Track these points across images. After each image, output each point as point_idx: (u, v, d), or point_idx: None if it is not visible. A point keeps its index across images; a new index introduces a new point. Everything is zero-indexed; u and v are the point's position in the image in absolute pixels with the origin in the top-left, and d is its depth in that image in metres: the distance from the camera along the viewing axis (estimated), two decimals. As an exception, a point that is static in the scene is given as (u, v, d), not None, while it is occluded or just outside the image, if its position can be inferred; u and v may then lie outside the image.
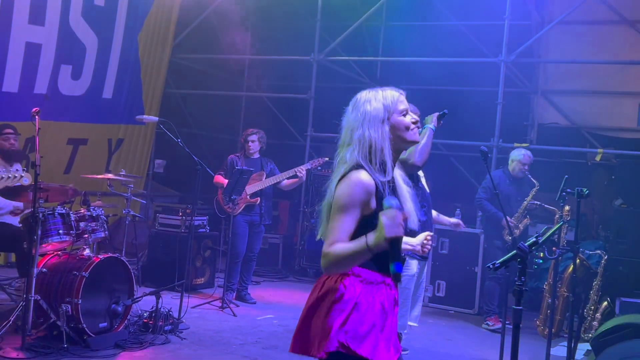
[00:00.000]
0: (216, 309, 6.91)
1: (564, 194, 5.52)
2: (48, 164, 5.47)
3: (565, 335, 6.70)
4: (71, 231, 5.38)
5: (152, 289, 6.19)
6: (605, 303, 6.67)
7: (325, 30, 10.28)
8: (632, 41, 9.26)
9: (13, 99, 7.69)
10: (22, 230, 5.51)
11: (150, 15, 9.67)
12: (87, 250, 5.48)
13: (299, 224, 9.98)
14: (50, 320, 5.03)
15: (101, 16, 8.72)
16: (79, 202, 5.81)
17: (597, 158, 8.75)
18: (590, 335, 6.41)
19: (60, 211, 5.36)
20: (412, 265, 4.92)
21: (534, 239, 2.93)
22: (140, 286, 6.94)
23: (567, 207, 6.37)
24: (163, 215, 8.11)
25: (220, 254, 8.59)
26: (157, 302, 5.62)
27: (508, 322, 5.45)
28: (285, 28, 11.31)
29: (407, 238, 2.62)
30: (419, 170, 4.80)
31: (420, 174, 4.89)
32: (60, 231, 5.31)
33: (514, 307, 2.77)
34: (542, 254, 7.54)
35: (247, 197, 7.29)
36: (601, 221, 8.83)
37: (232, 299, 7.27)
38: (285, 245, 10.05)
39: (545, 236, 3.49)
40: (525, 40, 8.86)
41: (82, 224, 5.45)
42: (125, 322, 5.49)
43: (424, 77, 10.26)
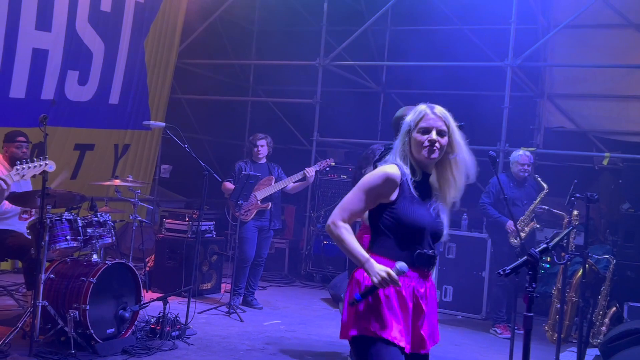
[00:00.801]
0: (223, 315, 6.90)
1: (572, 198, 5.49)
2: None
3: (574, 341, 6.67)
4: (78, 237, 5.38)
5: (159, 295, 6.19)
6: (613, 308, 6.63)
7: (330, 34, 10.30)
8: (638, 45, 9.25)
9: (20, 105, 7.71)
10: (28, 239, 5.52)
11: (156, 21, 9.69)
12: (95, 256, 5.48)
13: (305, 228, 9.97)
14: (57, 326, 5.03)
15: (107, 22, 8.75)
16: (86, 207, 5.81)
17: (604, 162, 8.72)
18: (598, 341, 6.38)
19: (67, 217, 5.36)
20: None
21: (545, 245, 2.92)
22: (147, 291, 6.94)
23: (575, 212, 6.33)
24: (170, 220, 8.11)
25: (228, 259, 8.58)
26: (164, 308, 5.62)
27: (517, 328, 5.44)
28: (291, 33, 11.34)
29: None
30: None
31: None
32: (68, 237, 5.31)
33: (524, 313, 2.76)
34: (549, 259, 7.52)
35: (259, 202, 7.28)
36: (608, 225, 8.79)
37: (239, 304, 7.26)
38: (291, 250, 10.04)
39: (554, 241, 3.47)
40: (532, 44, 8.84)
41: (89, 230, 5.45)
42: (133, 328, 5.48)
43: (430, 82, 10.25)
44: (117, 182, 6.67)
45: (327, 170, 9.20)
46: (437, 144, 2.87)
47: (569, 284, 6.78)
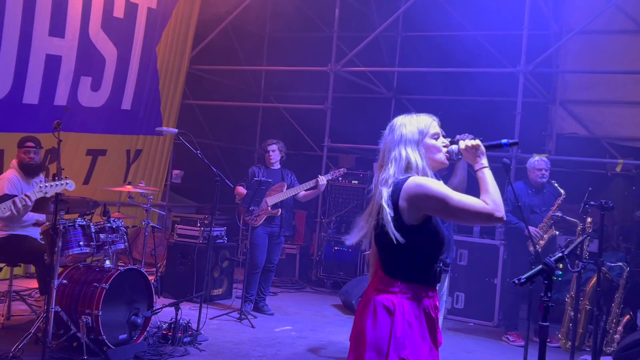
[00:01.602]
0: (234, 320, 6.90)
1: (587, 206, 5.45)
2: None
3: (587, 349, 6.63)
4: (91, 243, 5.40)
5: (171, 300, 6.20)
6: (627, 316, 6.58)
7: (342, 40, 10.31)
8: (651, 51, 9.21)
9: (34, 110, 7.76)
10: (43, 244, 5.54)
11: (168, 27, 9.74)
12: (107, 262, 5.50)
13: (316, 234, 9.96)
14: (70, 332, 5.05)
15: (120, 28, 8.80)
16: (99, 213, 5.83)
17: (618, 169, 8.67)
18: (612, 349, 6.33)
19: (80, 223, 5.38)
20: None
21: (560, 254, 2.89)
22: (159, 297, 6.95)
23: (589, 219, 6.28)
24: (181, 226, 8.13)
25: (239, 265, 8.59)
26: (176, 314, 5.62)
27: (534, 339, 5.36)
28: (302, 39, 11.36)
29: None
30: None
31: None
32: (81, 242, 5.33)
33: (540, 323, 2.74)
34: (561, 265, 7.44)
35: (269, 208, 7.28)
36: (622, 232, 8.73)
37: (250, 310, 7.26)
38: (302, 255, 10.03)
39: (568, 249, 3.45)
40: (544, 50, 8.81)
41: (102, 236, 5.48)
42: (145, 333, 5.50)
43: (441, 88, 10.25)
44: (129, 188, 6.69)
45: (339, 177, 9.20)
46: (448, 149, 2.86)
47: (582, 292, 6.72)
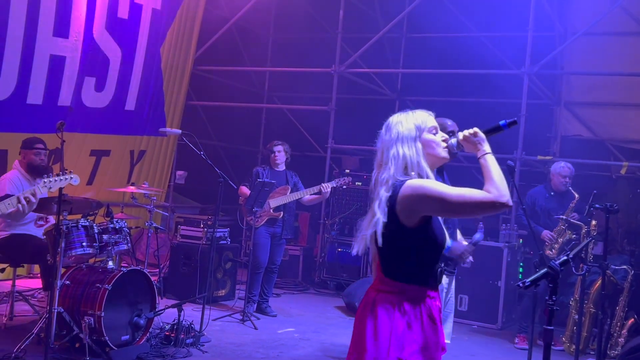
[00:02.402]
0: (237, 322, 6.89)
1: (592, 209, 5.42)
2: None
3: (591, 352, 6.59)
4: (94, 243, 5.40)
5: (174, 301, 6.19)
6: (631, 319, 6.55)
7: (346, 42, 10.29)
8: (656, 52, 9.16)
9: (37, 111, 7.75)
10: (46, 242, 5.54)
11: (172, 28, 9.73)
12: (110, 263, 5.50)
13: (319, 235, 9.94)
14: (72, 333, 5.04)
15: (124, 29, 8.79)
16: (102, 214, 5.83)
17: (622, 171, 8.63)
18: (616, 352, 6.30)
19: (83, 223, 5.38)
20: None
21: (565, 257, 2.87)
22: (162, 298, 6.94)
23: (594, 222, 6.25)
24: (184, 227, 8.12)
25: (242, 266, 8.58)
26: (179, 315, 5.61)
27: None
28: (306, 40, 11.35)
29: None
30: None
31: None
32: (84, 243, 5.32)
33: (544, 326, 2.71)
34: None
35: (271, 210, 7.27)
36: (626, 235, 8.68)
37: (253, 311, 7.24)
38: (305, 257, 10.01)
39: (573, 252, 3.43)
40: (548, 52, 8.78)
41: (105, 237, 5.47)
42: (147, 335, 5.48)
43: (445, 89, 10.21)
44: (133, 188, 6.68)
45: (342, 177, 9.19)
46: (448, 141, 2.76)
47: (587, 295, 6.69)
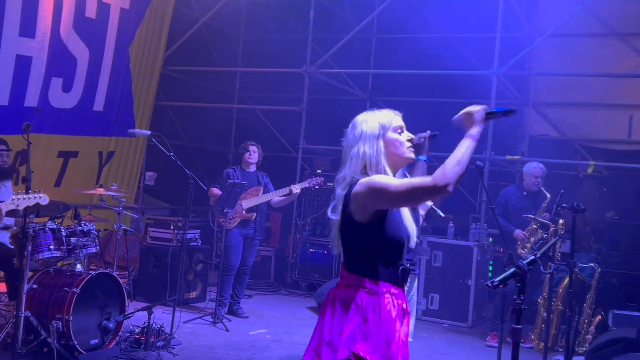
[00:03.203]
0: (208, 324, 6.84)
1: (559, 208, 5.51)
2: (38, 178, 5.43)
3: (560, 349, 6.69)
4: (62, 246, 5.33)
5: (144, 304, 6.13)
6: (599, 316, 6.66)
7: (317, 42, 10.28)
8: (622, 54, 9.34)
9: (3, 112, 7.62)
10: (12, 249, 5.45)
11: (141, 28, 9.63)
12: (78, 266, 5.42)
13: (291, 236, 9.92)
14: (40, 337, 4.96)
15: (92, 28, 8.68)
16: (70, 216, 5.75)
17: (589, 170, 8.77)
18: (584, 349, 6.40)
19: (51, 226, 5.30)
20: None
21: (532, 257, 2.91)
22: (131, 301, 6.87)
23: (561, 221, 6.34)
24: (154, 228, 8.04)
25: (213, 267, 8.53)
26: (149, 318, 5.55)
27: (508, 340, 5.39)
28: (277, 40, 11.32)
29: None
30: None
31: None
32: (51, 246, 5.26)
33: (513, 325, 2.74)
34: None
35: (244, 212, 7.24)
36: (593, 233, 8.83)
37: (224, 313, 7.20)
38: (277, 257, 9.99)
39: (541, 251, 3.48)
40: (517, 53, 8.88)
41: (73, 239, 5.40)
42: (117, 338, 5.43)
43: (415, 89, 10.28)
44: (101, 190, 6.60)
45: (314, 177, 9.19)
46: (413, 141, 2.79)
47: (555, 293, 6.79)
